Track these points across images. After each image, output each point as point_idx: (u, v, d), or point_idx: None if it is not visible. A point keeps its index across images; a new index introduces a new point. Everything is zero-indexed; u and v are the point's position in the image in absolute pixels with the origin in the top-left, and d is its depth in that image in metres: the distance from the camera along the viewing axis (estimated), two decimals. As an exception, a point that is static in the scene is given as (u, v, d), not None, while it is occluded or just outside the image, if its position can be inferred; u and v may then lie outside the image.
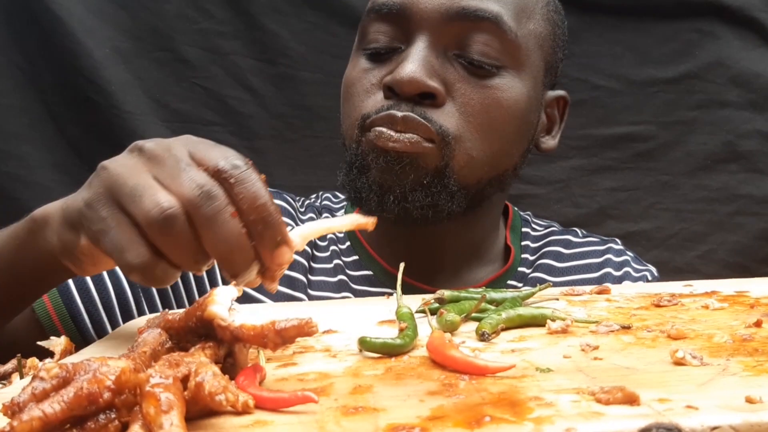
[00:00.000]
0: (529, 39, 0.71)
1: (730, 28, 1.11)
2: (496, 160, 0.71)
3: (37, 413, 0.28)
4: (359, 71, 0.72)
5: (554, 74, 0.78)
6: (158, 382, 0.29)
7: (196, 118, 1.12)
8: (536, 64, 0.72)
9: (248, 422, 0.30)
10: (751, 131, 1.12)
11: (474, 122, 0.68)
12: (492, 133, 0.69)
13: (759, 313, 0.48)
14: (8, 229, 0.56)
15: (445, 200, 0.68)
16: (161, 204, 0.40)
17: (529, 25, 0.71)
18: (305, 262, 0.77)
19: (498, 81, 0.69)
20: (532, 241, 0.84)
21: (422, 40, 0.67)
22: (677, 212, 1.15)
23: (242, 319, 0.36)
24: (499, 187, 0.75)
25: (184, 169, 0.42)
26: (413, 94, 0.66)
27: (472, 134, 0.68)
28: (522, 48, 0.70)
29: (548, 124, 0.80)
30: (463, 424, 0.29)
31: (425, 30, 0.68)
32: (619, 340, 0.42)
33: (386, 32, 0.70)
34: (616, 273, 0.82)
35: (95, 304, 0.71)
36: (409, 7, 0.68)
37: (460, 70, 0.68)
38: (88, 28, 1.07)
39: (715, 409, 0.29)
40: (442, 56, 0.68)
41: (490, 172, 0.71)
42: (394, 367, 0.38)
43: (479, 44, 0.68)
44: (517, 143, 0.73)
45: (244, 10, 1.11)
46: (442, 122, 0.67)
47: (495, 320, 0.45)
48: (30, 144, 1.07)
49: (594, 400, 0.31)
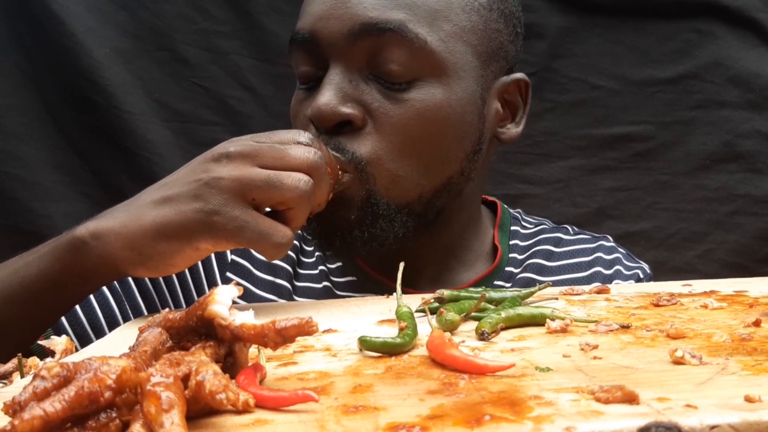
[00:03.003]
0: (447, 41, 0.68)
1: (729, 28, 1.11)
2: (431, 170, 0.69)
3: (38, 412, 0.28)
4: (296, 103, 0.72)
5: (504, 59, 0.74)
6: (159, 381, 0.29)
7: (196, 117, 1.12)
8: (464, 62, 0.69)
9: (249, 421, 0.31)
10: (750, 131, 1.13)
11: (394, 140, 0.67)
12: (417, 147, 0.67)
13: (758, 313, 0.48)
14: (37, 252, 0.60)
15: (383, 228, 0.67)
16: (301, 180, 0.55)
17: (445, 26, 0.68)
18: (290, 269, 0.77)
19: (414, 93, 0.67)
20: (522, 240, 0.82)
21: (334, 67, 0.67)
22: (676, 212, 1.15)
23: (243, 319, 0.36)
24: (452, 194, 0.72)
25: (282, 149, 0.56)
26: (331, 126, 0.66)
27: (393, 153, 0.67)
28: (437, 53, 0.67)
29: (510, 111, 0.76)
30: (462, 423, 0.29)
31: (335, 56, 0.67)
32: (619, 339, 0.42)
33: (307, 61, 0.70)
34: (607, 271, 0.80)
35: (80, 321, 0.72)
36: (316, 34, 0.67)
37: (376, 90, 0.67)
38: (89, 28, 1.07)
39: (714, 408, 0.29)
40: (357, 78, 0.67)
41: (429, 185, 0.70)
42: (394, 367, 0.38)
43: (388, 60, 0.66)
44: (453, 148, 0.70)
45: (243, 10, 1.11)
46: (356, 149, 0.66)
47: (494, 319, 0.45)
48: (30, 144, 1.07)
49: (593, 399, 0.31)
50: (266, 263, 0.77)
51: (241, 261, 0.76)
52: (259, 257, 0.77)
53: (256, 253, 0.76)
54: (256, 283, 0.75)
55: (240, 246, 0.55)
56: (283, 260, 0.77)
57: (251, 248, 0.56)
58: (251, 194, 0.54)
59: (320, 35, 0.67)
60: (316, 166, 0.56)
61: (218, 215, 0.53)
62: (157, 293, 0.75)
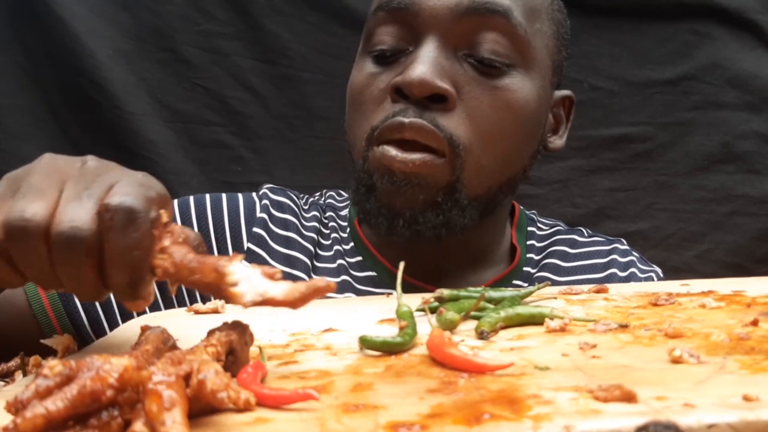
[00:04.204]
0: (536, 37, 0.69)
1: (727, 29, 1.12)
2: (506, 165, 0.69)
3: (41, 410, 0.28)
4: (366, 76, 0.69)
5: (560, 74, 0.77)
6: (161, 380, 0.30)
7: (198, 118, 1.12)
8: (544, 63, 0.71)
9: (250, 419, 0.31)
10: (748, 132, 1.13)
11: (484, 127, 0.66)
12: (502, 138, 0.67)
13: (755, 312, 0.48)
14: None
15: (457, 216, 0.66)
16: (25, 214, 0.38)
17: (536, 24, 0.69)
18: (308, 261, 0.76)
19: (508, 81, 0.67)
20: (538, 241, 0.83)
21: (432, 41, 0.65)
22: (675, 212, 1.15)
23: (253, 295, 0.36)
24: (510, 191, 0.74)
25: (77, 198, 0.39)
26: (423, 97, 0.64)
27: (482, 141, 0.66)
28: (531, 46, 0.68)
29: (555, 124, 0.79)
30: (462, 422, 0.29)
31: (434, 29, 0.65)
32: (617, 338, 0.43)
33: (393, 33, 0.67)
34: (622, 273, 0.80)
35: (95, 308, 0.71)
36: (417, 5, 0.65)
37: (470, 71, 0.66)
38: (91, 29, 1.07)
39: (712, 406, 0.29)
40: (452, 57, 0.66)
41: (500, 179, 0.69)
42: (394, 365, 0.39)
43: (490, 42, 0.65)
44: (526, 145, 0.71)
45: (245, 11, 1.12)
46: (453, 130, 0.64)
47: (494, 319, 0.46)
48: (32, 144, 1.07)
49: (592, 398, 0.31)
50: (283, 254, 0.75)
51: (257, 250, 0.75)
52: (276, 247, 0.75)
53: (273, 244, 0.75)
54: None
55: None
56: (300, 252, 0.76)
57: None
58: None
59: (422, 6, 0.65)
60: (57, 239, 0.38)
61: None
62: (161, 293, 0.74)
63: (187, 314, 0.59)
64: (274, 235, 0.76)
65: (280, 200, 0.79)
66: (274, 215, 0.77)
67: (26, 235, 0.38)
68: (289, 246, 0.76)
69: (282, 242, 0.76)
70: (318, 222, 0.79)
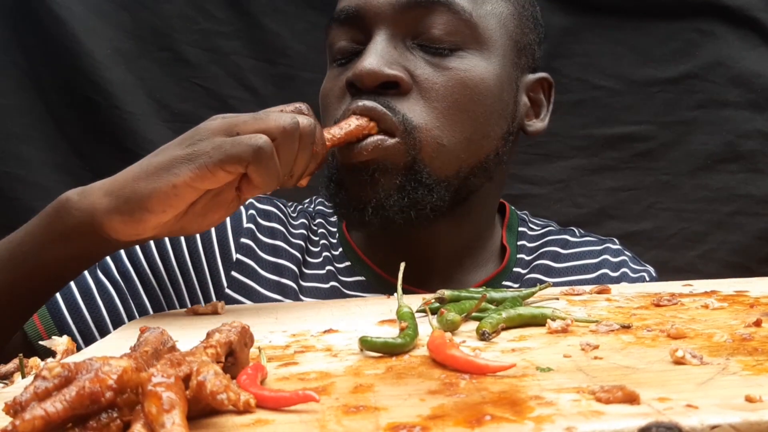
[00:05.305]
0: (488, 18, 0.70)
1: (730, 28, 1.11)
2: (473, 144, 0.70)
3: (40, 412, 0.28)
4: (329, 81, 0.73)
5: (531, 57, 0.77)
6: (160, 381, 0.29)
7: (197, 118, 1.11)
8: (502, 43, 0.72)
9: (249, 421, 0.31)
10: (751, 131, 1.13)
11: (439, 107, 0.68)
12: (460, 116, 0.68)
13: (758, 313, 0.48)
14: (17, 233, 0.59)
15: (423, 195, 0.67)
16: (282, 118, 0.56)
17: (486, 6, 0.71)
18: (296, 269, 0.76)
19: (459, 61, 0.69)
20: (529, 241, 0.83)
21: (379, 35, 0.68)
22: (677, 212, 1.15)
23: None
24: (485, 176, 0.73)
25: (262, 116, 0.56)
26: (374, 86, 0.66)
27: (439, 120, 0.68)
28: (480, 26, 0.70)
29: (535, 108, 0.78)
30: (463, 423, 0.29)
31: (381, 25, 0.68)
32: (619, 339, 0.42)
33: (347, 37, 0.71)
34: (613, 274, 0.80)
35: (85, 320, 0.71)
36: (362, 7, 0.69)
37: (420, 57, 0.69)
38: (89, 29, 1.07)
39: (714, 408, 0.29)
40: (402, 46, 0.69)
41: (468, 159, 0.70)
42: (395, 367, 0.38)
43: (435, 28, 0.68)
44: (492, 124, 0.71)
45: (244, 10, 1.12)
46: (405, 111, 0.67)
47: (495, 320, 0.46)
48: (30, 144, 1.07)
49: (594, 399, 0.31)
50: (272, 263, 0.76)
51: (246, 260, 0.76)
52: (264, 257, 0.76)
53: (262, 253, 0.76)
54: (261, 283, 0.75)
55: (218, 173, 0.53)
56: (288, 260, 0.76)
57: (229, 167, 0.54)
58: (236, 129, 0.55)
59: (367, 7, 0.69)
60: (289, 130, 0.55)
61: (199, 145, 0.54)
62: (162, 293, 0.74)
63: (187, 315, 0.59)
64: (262, 245, 0.77)
65: (267, 209, 0.79)
66: (261, 224, 0.78)
67: (294, 133, 0.56)
68: (277, 254, 0.77)
69: (270, 251, 0.76)
70: (306, 229, 0.80)
